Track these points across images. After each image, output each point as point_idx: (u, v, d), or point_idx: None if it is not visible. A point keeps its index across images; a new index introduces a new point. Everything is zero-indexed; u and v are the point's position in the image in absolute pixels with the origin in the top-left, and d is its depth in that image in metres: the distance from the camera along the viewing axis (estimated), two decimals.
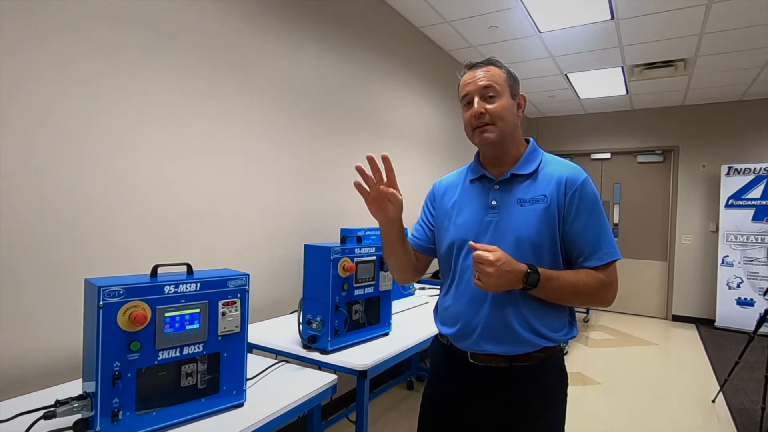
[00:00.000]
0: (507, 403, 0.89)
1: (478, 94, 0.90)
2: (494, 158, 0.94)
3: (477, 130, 0.91)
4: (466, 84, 0.92)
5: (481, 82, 0.89)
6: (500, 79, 0.90)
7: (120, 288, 0.81)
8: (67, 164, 1.16)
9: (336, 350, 1.27)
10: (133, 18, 1.29)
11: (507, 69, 0.93)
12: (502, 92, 0.90)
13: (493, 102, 0.89)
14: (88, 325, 0.84)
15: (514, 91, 0.92)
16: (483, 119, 0.89)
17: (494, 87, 0.89)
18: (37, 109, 1.10)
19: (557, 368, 0.92)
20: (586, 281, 0.85)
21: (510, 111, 0.91)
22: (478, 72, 0.91)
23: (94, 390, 0.79)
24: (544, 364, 0.88)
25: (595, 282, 0.85)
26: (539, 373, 0.88)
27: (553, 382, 0.91)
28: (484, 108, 0.89)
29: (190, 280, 0.91)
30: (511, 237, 0.87)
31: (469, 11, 2.60)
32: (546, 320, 0.87)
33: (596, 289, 0.85)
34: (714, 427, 2.24)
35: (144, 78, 1.33)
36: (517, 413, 0.89)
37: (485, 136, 0.90)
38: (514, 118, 0.92)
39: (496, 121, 0.89)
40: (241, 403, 0.98)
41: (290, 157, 1.90)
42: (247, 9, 1.66)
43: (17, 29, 1.06)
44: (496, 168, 0.95)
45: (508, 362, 0.88)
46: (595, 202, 0.88)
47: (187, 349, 0.90)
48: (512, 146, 0.93)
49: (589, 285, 0.85)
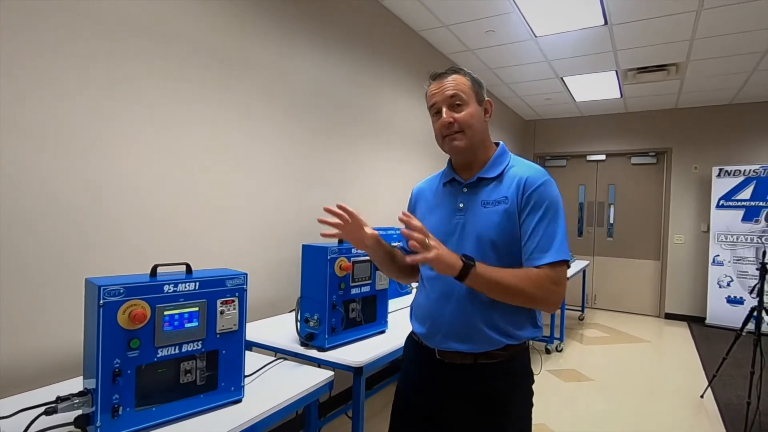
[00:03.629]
0: (473, 400, 0.91)
1: (445, 103, 0.92)
2: (464, 163, 0.98)
3: (447, 138, 0.94)
4: (433, 94, 0.95)
5: (447, 92, 0.92)
6: (465, 87, 0.93)
7: (120, 287, 0.83)
8: (68, 166, 1.17)
9: (333, 348, 1.30)
10: (137, 25, 1.30)
11: (471, 76, 0.96)
12: (469, 100, 0.92)
13: (460, 110, 0.92)
14: (88, 324, 0.86)
15: (480, 97, 0.95)
16: (452, 128, 0.92)
17: (460, 95, 0.92)
18: (44, 113, 1.12)
19: (522, 366, 0.94)
20: (525, 279, 0.83)
21: (477, 118, 0.93)
22: (444, 82, 0.93)
23: (95, 386, 0.81)
24: (509, 362, 0.91)
25: (534, 281, 0.83)
26: (504, 371, 0.91)
27: (518, 380, 0.93)
28: (453, 117, 0.91)
29: (189, 279, 0.93)
30: (473, 237, 0.90)
31: (466, 16, 2.63)
32: (509, 319, 0.89)
33: (536, 289, 0.83)
34: (702, 422, 2.29)
35: (144, 82, 1.34)
36: (483, 409, 0.91)
37: (455, 144, 0.93)
38: (481, 124, 0.95)
39: (465, 129, 0.92)
40: (239, 399, 1.01)
41: (288, 158, 1.92)
42: (248, 15, 1.67)
43: (27, 37, 1.07)
44: (466, 172, 0.98)
45: (473, 359, 0.90)
46: (552, 203, 0.89)
47: (186, 346, 0.92)
48: (481, 151, 0.96)
49: (528, 283, 0.83)
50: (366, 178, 2.46)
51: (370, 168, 2.49)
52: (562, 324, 3.51)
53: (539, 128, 5.36)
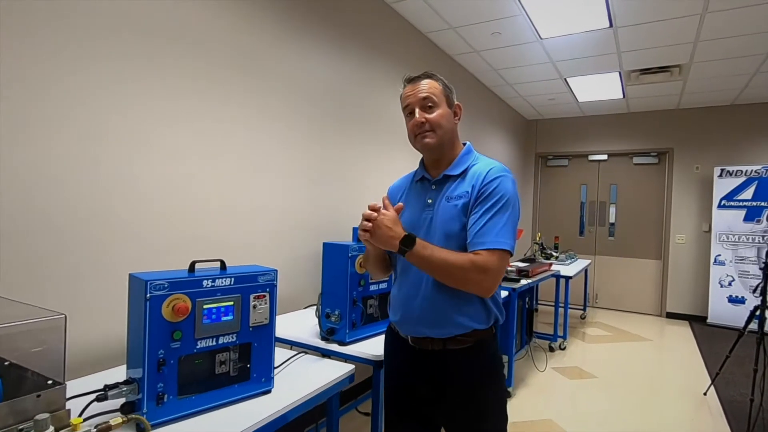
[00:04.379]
0: (445, 383, 0.98)
1: (418, 105, 1.00)
2: (434, 161, 1.05)
3: (418, 136, 1.01)
4: (407, 96, 1.02)
5: (420, 95, 1.00)
6: (437, 90, 1.01)
7: (164, 282, 0.88)
8: (112, 169, 1.23)
9: (353, 342, 1.35)
10: (153, 25, 1.35)
11: (443, 81, 1.04)
12: (440, 102, 1.00)
13: (432, 112, 0.99)
14: (133, 316, 0.91)
15: (450, 101, 1.03)
16: (424, 127, 1.00)
17: (432, 98, 0.99)
18: (96, 120, 1.17)
19: (490, 351, 1.00)
20: (459, 261, 0.89)
21: (447, 119, 1.01)
22: (418, 85, 1.01)
23: (141, 375, 0.86)
24: (476, 347, 0.97)
25: (468, 264, 0.89)
26: (472, 356, 0.97)
27: (486, 363, 0.99)
28: (425, 117, 0.99)
29: (225, 275, 0.98)
30: (439, 231, 0.98)
31: (473, 18, 2.68)
32: (473, 305, 0.96)
33: (468, 272, 0.89)
34: (705, 419, 2.34)
35: (179, 93, 1.39)
36: (454, 393, 0.98)
37: (426, 142, 1.00)
38: (451, 125, 1.02)
39: (435, 128, 0.99)
40: (269, 389, 1.06)
41: (304, 158, 1.97)
42: (267, 20, 1.72)
43: (49, 38, 1.12)
44: (435, 170, 1.05)
45: (442, 345, 0.97)
46: (502, 197, 0.94)
47: (222, 338, 0.97)
48: (449, 150, 1.04)
49: (461, 266, 0.89)
50: (377, 176, 2.51)
51: (381, 166, 2.54)
52: (565, 323, 3.56)
53: (541, 128, 5.40)
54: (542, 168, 5.48)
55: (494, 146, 4.39)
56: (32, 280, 1.09)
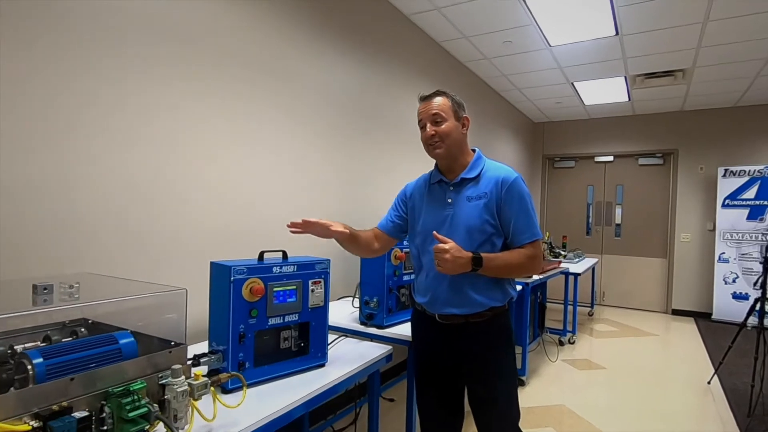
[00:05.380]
0: (466, 350, 1.19)
1: (429, 120, 1.19)
2: (448, 166, 1.23)
3: (430, 147, 1.20)
4: (420, 112, 1.22)
5: (431, 111, 1.18)
6: (446, 107, 1.19)
7: (244, 267, 1.05)
8: (187, 172, 1.40)
9: (390, 326, 1.51)
10: (191, 33, 1.50)
11: (452, 97, 1.21)
12: (448, 117, 1.18)
13: (440, 125, 1.18)
14: (216, 297, 1.07)
15: (458, 115, 1.21)
16: (434, 139, 1.18)
17: (441, 114, 1.18)
18: (168, 128, 1.34)
19: (503, 324, 1.21)
20: (517, 257, 1.14)
21: (455, 131, 1.19)
22: (430, 103, 1.19)
23: (226, 347, 1.02)
24: (492, 321, 1.18)
25: (523, 257, 1.14)
26: (488, 328, 1.18)
27: (499, 334, 1.20)
28: (434, 130, 1.17)
29: (289, 263, 1.14)
30: (463, 226, 1.16)
31: (486, 28, 2.84)
32: (490, 287, 1.17)
33: (524, 262, 1.14)
34: (709, 404, 2.48)
35: (227, 104, 1.56)
36: (474, 356, 1.19)
37: (437, 152, 1.20)
38: (459, 135, 1.20)
39: (444, 139, 1.18)
40: (324, 363, 1.22)
41: (335, 161, 2.14)
42: (298, 30, 1.89)
43: (98, 49, 1.30)
44: (450, 174, 1.24)
45: (464, 320, 1.18)
46: (522, 195, 1.16)
47: (287, 317, 1.13)
48: (460, 156, 1.22)
49: (519, 260, 1.14)
50: (396, 178, 2.67)
51: (398, 169, 2.71)
52: (574, 319, 3.70)
53: (548, 130, 5.54)
54: (549, 169, 5.61)
55: (503, 148, 4.54)
56: (129, 265, 1.26)
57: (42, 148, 1.11)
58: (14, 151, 1.06)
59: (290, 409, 0.98)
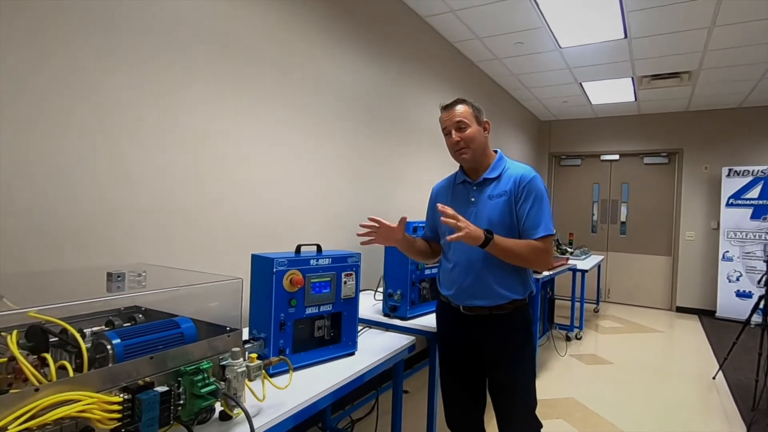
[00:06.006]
0: (489, 339, 1.26)
1: (453, 127, 1.27)
2: (472, 168, 1.32)
3: (457, 152, 1.29)
4: (444, 120, 1.30)
5: (455, 119, 1.26)
6: (468, 114, 1.26)
7: (285, 259, 1.11)
8: (222, 171, 1.46)
9: (413, 317, 1.58)
10: (210, 34, 1.55)
11: (472, 104, 1.29)
12: (471, 123, 1.26)
13: (464, 131, 1.26)
14: (258, 287, 1.13)
15: (480, 120, 1.29)
16: (460, 145, 1.26)
17: (464, 121, 1.26)
18: (210, 133, 1.40)
19: (524, 316, 1.28)
20: (526, 247, 1.19)
21: (478, 135, 1.27)
22: (453, 111, 1.27)
23: (267, 334, 1.09)
24: (514, 313, 1.26)
25: (532, 249, 1.19)
26: (510, 319, 1.25)
27: (520, 325, 1.27)
28: (459, 137, 1.25)
29: (324, 256, 1.21)
30: (485, 222, 1.24)
31: (499, 30, 2.89)
32: (513, 280, 1.24)
33: (533, 254, 1.19)
34: (714, 398, 2.54)
35: (253, 111, 1.62)
36: (496, 346, 1.26)
37: (463, 157, 1.28)
38: (482, 139, 1.28)
39: (470, 144, 1.26)
40: (354, 352, 1.28)
41: (350, 159, 2.20)
42: (314, 34, 1.95)
43: (137, 52, 1.36)
44: (473, 174, 1.32)
45: (488, 311, 1.25)
46: (538, 193, 1.23)
47: (322, 307, 1.20)
48: (483, 158, 1.30)
49: (528, 250, 1.19)
50: (413, 176, 2.73)
51: (411, 167, 2.77)
52: (581, 315, 3.76)
53: (555, 129, 5.59)
54: (556, 167, 5.66)
55: (511, 146, 4.59)
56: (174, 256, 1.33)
57: (104, 147, 1.18)
58: (82, 150, 1.12)
59: (331, 391, 1.04)
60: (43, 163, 1.08)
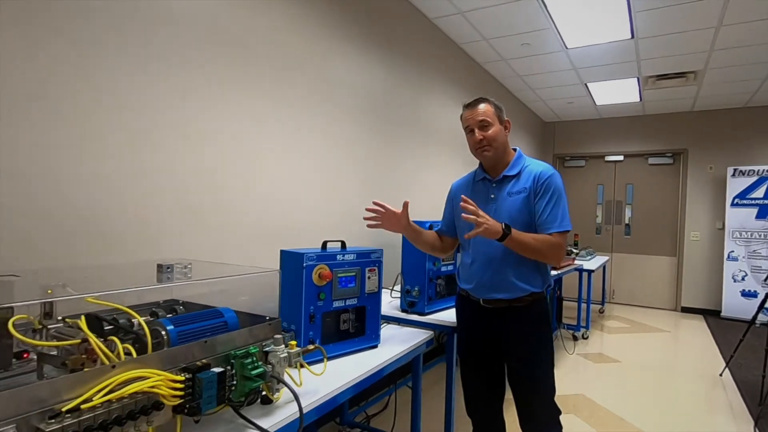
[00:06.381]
0: (508, 331, 1.31)
1: (476, 125, 1.30)
2: (492, 166, 1.36)
3: (479, 150, 1.32)
4: (467, 118, 1.33)
5: (478, 117, 1.30)
6: (490, 112, 1.31)
7: (314, 254, 1.16)
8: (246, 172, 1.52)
9: (430, 313, 1.63)
10: (226, 38, 1.59)
11: (494, 103, 1.34)
12: (493, 122, 1.31)
13: (487, 130, 1.30)
14: (287, 281, 1.18)
15: (501, 119, 1.34)
16: (482, 143, 1.30)
17: (487, 120, 1.30)
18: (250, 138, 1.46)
19: (541, 308, 1.33)
20: (541, 241, 1.24)
21: (500, 134, 1.32)
22: (475, 109, 1.31)
23: (297, 326, 1.14)
24: (532, 305, 1.31)
25: (547, 243, 1.24)
26: (529, 311, 1.30)
27: (538, 317, 1.32)
28: (482, 135, 1.30)
29: (349, 252, 1.26)
30: (507, 217, 1.28)
31: (506, 31, 2.94)
32: (531, 274, 1.29)
33: (547, 248, 1.24)
34: (721, 395, 2.58)
35: (272, 116, 1.68)
36: (516, 337, 1.31)
37: (485, 154, 1.32)
38: (503, 138, 1.33)
39: (491, 142, 1.30)
40: (377, 344, 1.33)
41: (367, 163, 2.25)
42: (330, 38, 2.01)
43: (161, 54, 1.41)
44: (493, 172, 1.37)
45: (508, 304, 1.30)
46: (556, 189, 1.27)
47: (348, 301, 1.25)
48: (503, 156, 1.35)
49: (543, 245, 1.23)
50: (420, 177, 2.78)
51: (420, 167, 2.82)
52: (588, 315, 3.80)
53: (558, 130, 5.63)
54: (560, 168, 5.69)
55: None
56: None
57: (147, 149, 1.24)
58: (133, 153, 1.18)
59: (362, 379, 1.09)
60: (88, 167, 1.14)
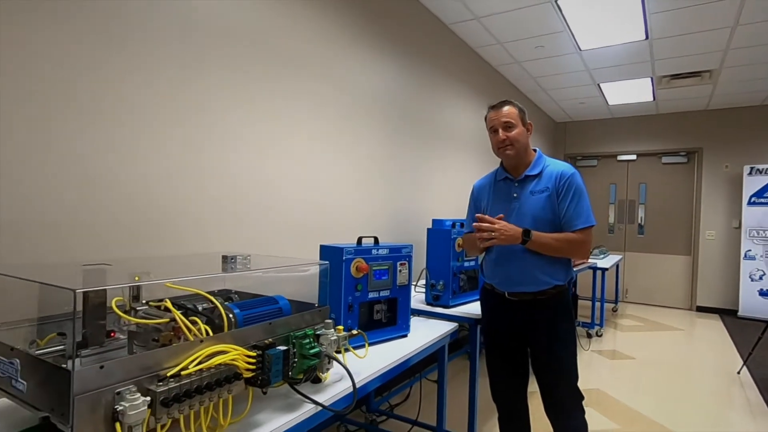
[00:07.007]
0: (533, 322, 1.38)
1: (500, 126, 1.39)
2: (513, 166, 1.44)
3: (501, 149, 1.40)
4: (492, 119, 1.42)
5: (503, 119, 1.38)
6: (514, 114, 1.39)
7: (352, 249, 1.25)
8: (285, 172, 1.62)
9: (454, 306, 1.70)
10: (247, 40, 1.72)
11: (518, 106, 1.41)
12: (517, 123, 1.39)
13: (511, 131, 1.38)
14: (326, 273, 1.28)
15: (524, 121, 1.42)
16: (505, 143, 1.38)
17: (511, 121, 1.38)
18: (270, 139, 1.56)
19: (565, 300, 1.40)
20: (563, 241, 1.31)
21: (523, 135, 1.40)
22: (500, 111, 1.40)
23: (336, 315, 1.23)
24: (555, 297, 1.37)
25: (570, 240, 1.31)
26: (552, 303, 1.37)
27: (562, 308, 1.39)
28: (506, 135, 1.38)
29: (382, 247, 1.34)
30: (529, 216, 1.35)
31: (521, 35, 3.01)
32: (554, 267, 1.35)
33: (571, 245, 1.32)
34: (739, 392, 2.60)
35: (293, 120, 1.78)
36: (540, 328, 1.38)
37: (507, 153, 1.40)
38: (525, 139, 1.41)
39: (514, 143, 1.38)
40: (407, 334, 1.42)
41: (388, 164, 2.34)
42: (349, 43, 2.10)
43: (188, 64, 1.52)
44: (514, 171, 1.44)
45: (533, 297, 1.36)
46: (578, 188, 1.35)
47: (382, 292, 1.34)
48: (525, 156, 1.42)
49: (565, 244, 1.31)
50: (438, 176, 2.86)
51: (439, 167, 2.90)
52: (602, 313, 3.82)
53: (570, 130, 5.65)
54: None
55: None
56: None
57: (178, 150, 1.35)
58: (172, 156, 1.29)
59: (397, 364, 1.18)
60: (152, 168, 1.25)
